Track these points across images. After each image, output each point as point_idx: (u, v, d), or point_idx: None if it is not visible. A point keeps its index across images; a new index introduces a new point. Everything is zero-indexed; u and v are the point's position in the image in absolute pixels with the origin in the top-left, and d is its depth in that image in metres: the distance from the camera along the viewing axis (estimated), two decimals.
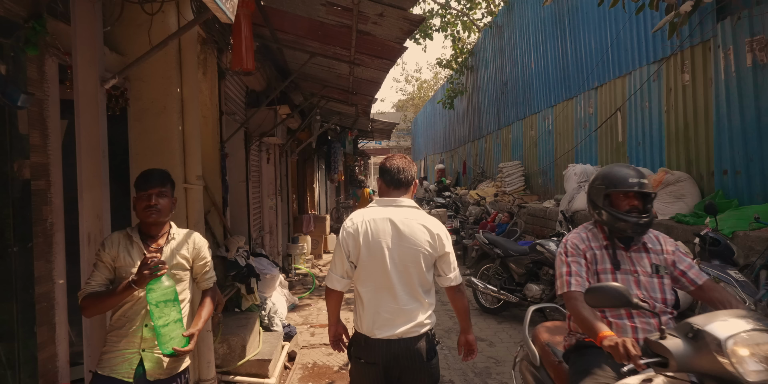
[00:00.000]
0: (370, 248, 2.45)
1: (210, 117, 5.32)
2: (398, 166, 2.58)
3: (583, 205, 8.06)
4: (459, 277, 2.59)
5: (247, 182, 6.82)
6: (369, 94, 7.23)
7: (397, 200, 2.55)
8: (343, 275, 2.53)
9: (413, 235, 2.45)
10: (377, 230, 2.46)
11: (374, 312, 2.44)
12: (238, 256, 5.15)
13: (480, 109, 17.06)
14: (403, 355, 2.40)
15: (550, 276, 5.73)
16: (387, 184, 2.60)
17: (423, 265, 2.45)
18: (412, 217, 2.50)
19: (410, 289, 2.44)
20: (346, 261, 2.50)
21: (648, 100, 7.41)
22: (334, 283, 2.57)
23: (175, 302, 2.20)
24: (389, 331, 2.40)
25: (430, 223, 2.51)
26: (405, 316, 2.42)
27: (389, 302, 2.43)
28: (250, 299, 5.26)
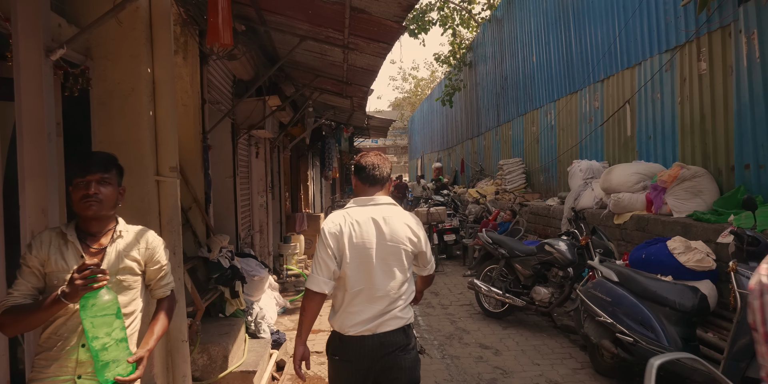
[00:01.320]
0: (354, 249, 2.44)
1: (191, 105, 4.90)
2: (373, 163, 2.58)
3: (590, 202, 7.66)
4: (433, 267, 2.72)
5: (235, 178, 6.39)
6: (364, 85, 6.80)
7: (374, 199, 2.56)
8: (330, 277, 2.45)
9: (396, 233, 2.47)
10: (361, 231, 2.46)
11: (354, 311, 2.44)
12: (221, 256, 4.72)
13: (478, 105, 16.67)
14: (377, 349, 2.40)
15: (560, 278, 5.31)
16: (362, 182, 2.60)
17: (405, 262, 2.49)
18: (393, 214, 2.52)
19: (391, 286, 2.45)
20: (332, 262, 2.43)
21: (660, 91, 7.00)
22: (321, 286, 2.43)
23: (118, 319, 1.77)
24: (364, 328, 2.41)
25: (410, 220, 2.55)
26: (383, 314, 2.43)
27: (370, 302, 2.43)
28: (234, 304, 4.83)
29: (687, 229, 5.35)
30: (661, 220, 5.83)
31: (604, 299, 4.06)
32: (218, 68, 5.59)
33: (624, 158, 7.94)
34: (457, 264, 10.01)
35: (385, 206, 2.54)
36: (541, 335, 5.41)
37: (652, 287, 3.81)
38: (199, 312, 4.12)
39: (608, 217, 6.98)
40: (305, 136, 10.25)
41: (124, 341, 1.80)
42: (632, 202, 6.58)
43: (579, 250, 5.20)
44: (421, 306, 6.84)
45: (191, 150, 4.90)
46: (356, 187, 2.65)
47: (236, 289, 4.77)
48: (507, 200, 11.30)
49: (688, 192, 5.89)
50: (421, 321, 6.09)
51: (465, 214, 11.38)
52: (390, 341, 2.41)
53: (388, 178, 2.62)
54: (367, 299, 2.43)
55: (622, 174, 6.84)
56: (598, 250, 5.09)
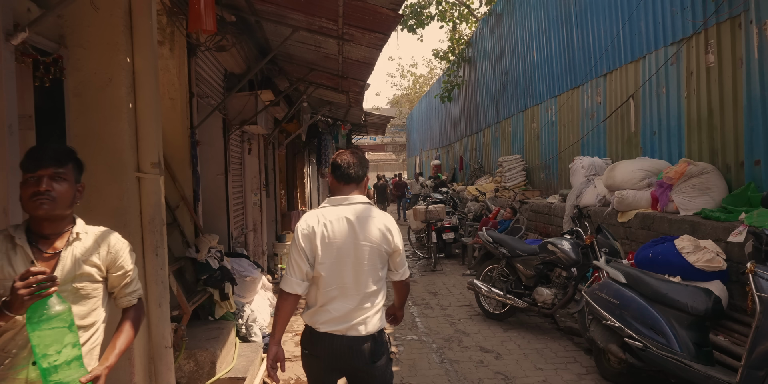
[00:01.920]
0: (327, 249, 2.43)
1: (178, 99, 4.69)
2: (348, 162, 2.56)
3: (593, 199, 7.47)
4: (407, 272, 2.66)
5: (227, 175, 6.18)
6: (360, 79, 6.59)
7: (349, 198, 2.54)
8: (303, 278, 2.44)
9: (370, 232, 2.46)
10: (334, 231, 2.44)
11: (327, 309, 2.43)
12: (210, 257, 4.52)
13: (478, 102, 16.46)
14: (345, 353, 2.40)
15: (563, 279, 5.11)
16: (338, 180, 2.57)
17: (378, 263, 2.48)
18: (368, 214, 2.50)
19: (365, 287, 2.44)
20: (304, 263, 2.43)
21: (665, 85, 6.79)
22: (294, 287, 2.43)
23: (71, 333, 1.56)
24: (335, 326, 2.40)
25: (384, 220, 2.53)
26: (355, 314, 2.42)
27: (343, 301, 2.42)
28: (224, 306, 4.63)
29: (695, 228, 5.16)
30: (667, 218, 5.64)
31: (611, 302, 3.86)
32: (208, 61, 5.37)
33: (627, 154, 7.74)
34: (456, 263, 9.82)
35: (360, 205, 2.51)
36: (543, 338, 5.22)
37: (663, 289, 3.61)
38: (186, 316, 3.91)
39: (612, 215, 6.78)
40: (301, 132, 10.03)
41: (78, 360, 1.58)
42: (637, 199, 6.39)
43: (583, 249, 5.01)
44: (419, 307, 6.64)
45: (179, 146, 4.69)
46: (332, 185, 2.63)
47: (226, 291, 4.57)
48: (507, 198, 11.10)
49: (695, 189, 5.69)
50: (419, 323, 5.90)
51: (464, 212, 11.19)
52: (359, 349, 2.41)
53: (364, 176, 2.60)
54: (340, 298, 2.43)
55: (626, 170, 6.64)
56: (604, 249, 4.89)
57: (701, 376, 3.19)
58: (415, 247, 11.21)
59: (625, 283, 3.87)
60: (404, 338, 5.36)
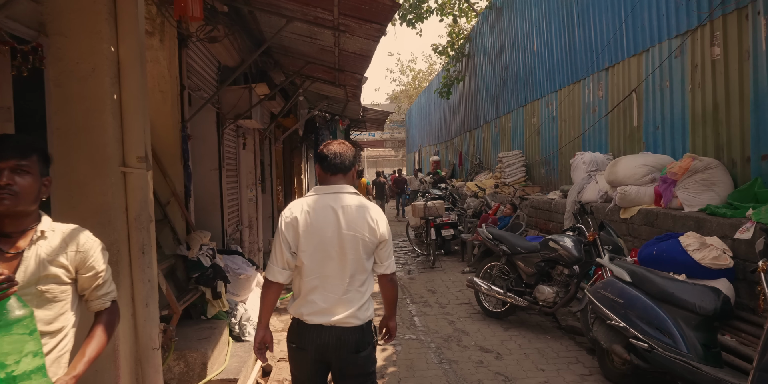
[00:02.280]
0: (310, 238, 2.41)
1: (169, 92, 4.55)
2: (335, 152, 2.55)
3: (595, 196, 7.34)
4: (393, 265, 2.60)
5: (221, 170, 6.04)
6: (358, 72, 6.44)
7: (335, 187, 2.52)
8: (285, 267, 2.46)
9: (354, 222, 2.43)
10: (317, 219, 2.42)
11: (311, 299, 2.42)
12: (201, 254, 4.39)
13: (477, 97, 16.31)
14: (333, 343, 2.39)
15: (565, 277, 4.98)
16: (324, 170, 2.56)
17: (363, 253, 2.44)
18: (353, 203, 2.47)
19: (349, 277, 2.43)
20: (286, 252, 2.44)
21: (669, 79, 6.65)
22: (276, 275, 2.48)
23: (33, 340, 1.43)
24: (323, 318, 2.39)
25: (371, 210, 2.49)
26: (341, 304, 2.41)
27: (327, 290, 2.41)
28: (216, 305, 4.51)
29: (700, 224, 5.03)
30: (671, 214, 5.51)
31: (615, 301, 3.74)
32: (200, 53, 5.23)
33: (630, 150, 7.60)
34: (456, 260, 9.69)
35: (346, 195, 2.49)
36: (544, 337, 5.09)
37: (670, 288, 3.48)
38: (175, 316, 3.78)
39: (614, 211, 6.65)
40: (298, 127, 9.89)
41: (40, 370, 1.45)
42: (640, 195, 6.26)
43: (586, 246, 4.88)
44: (417, 305, 6.52)
45: (169, 140, 4.56)
46: (319, 175, 2.61)
47: (218, 290, 4.44)
48: (507, 194, 10.97)
49: (700, 185, 5.56)
50: (417, 321, 5.77)
51: (463, 208, 11.05)
52: (347, 340, 2.41)
53: (351, 166, 2.58)
54: (322, 287, 2.41)
55: (628, 166, 6.51)
56: (607, 246, 4.76)
57: (710, 379, 3.07)
58: (413, 243, 11.08)
59: (630, 282, 3.74)
60: (402, 337, 5.24)
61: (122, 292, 3.00)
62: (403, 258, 10.14)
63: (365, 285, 2.49)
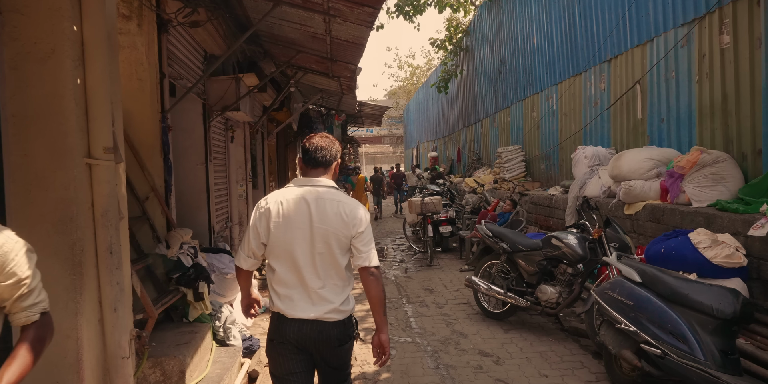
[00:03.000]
0: (281, 229, 2.40)
1: (148, 80, 4.27)
2: (316, 146, 2.54)
3: (597, 191, 7.08)
4: (375, 259, 2.48)
5: (207, 164, 5.77)
6: (351, 62, 6.16)
7: (313, 180, 2.50)
8: (250, 255, 2.51)
9: (327, 215, 2.41)
10: (290, 210, 2.41)
11: (287, 293, 2.41)
12: (181, 253, 4.12)
13: (476, 91, 16.04)
14: (315, 337, 2.39)
15: (569, 276, 4.72)
16: (305, 164, 2.55)
17: (336, 247, 2.42)
18: (328, 197, 2.45)
19: (323, 270, 2.42)
20: (254, 241, 2.46)
21: (675, 69, 6.39)
22: (241, 261, 2.57)
23: None
24: (303, 312, 2.38)
25: (346, 205, 2.46)
26: (319, 298, 2.39)
27: (301, 284, 2.40)
28: (198, 308, 4.24)
29: (710, 220, 4.78)
30: (679, 210, 5.26)
31: (624, 303, 3.48)
32: (182, 39, 4.94)
33: (633, 143, 7.35)
34: (454, 257, 9.43)
35: (322, 188, 2.47)
36: (547, 339, 4.83)
37: (684, 289, 3.22)
38: (151, 320, 3.51)
39: (617, 207, 6.40)
40: (291, 121, 9.61)
41: None
42: (645, 190, 6.01)
43: (590, 244, 4.62)
44: (414, 305, 6.26)
45: (148, 131, 4.28)
46: (301, 168, 2.60)
47: (200, 291, 4.17)
48: (506, 189, 10.72)
49: (709, 179, 5.30)
50: (413, 323, 5.51)
51: (462, 204, 10.79)
52: (329, 334, 2.40)
53: (332, 160, 2.57)
54: (298, 281, 2.40)
55: (633, 160, 6.26)
56: (613, 244, 4.50)
57: None
58: (410, 240, 10.82)
59: (640, 282, 3.49)
60: (397, 340, 4.98)
61: (87, 295, 2.73)
62: (399, 256, 9.88)
63: (342, 279, 2.46)
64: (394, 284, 7.41)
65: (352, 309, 2.50)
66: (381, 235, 12.97)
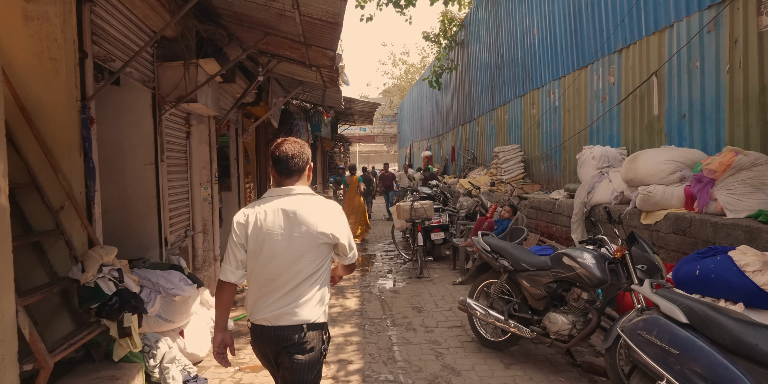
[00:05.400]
0: (258, 239, 2.42)
1: (63, 59, 3.42)
2: (288, 154, 2.50)
3: (608, 196, 6.29)
4: (355, 255, 2.64)
5: (157, 165, 4.92)
6: (329, 47, 5.32)
7: (288, 189, 2.50)
8: (238, 267, 2.46)
9: (305, 224, 2.42)
10: (266, 221, 2.43)
11: (257, 301, 2.45)
12: (100, 278, 3.27)
13: (471, 88, 15.23)
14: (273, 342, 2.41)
15: (584, 302, 3.90)
16: (279, 174, 2.53)
17: (315, 254, 2.44)
18: (305, 205, 2.46)
19: (295, 279, 2.42)
20: (239, 252, 2.45)
21: (699, 58, 5.59)
22: (228, 275, 2.45)
23: None
24: (262, 315, 2.42)
25: (326, 211, 2.48)
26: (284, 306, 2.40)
27: (273, 293, 2.41)
28: (125, 345, 3.39)
29: (753, 235, 3.98)
30: (710, 221, 4.45)
31: (665, 350, 2.66)
32: (118, 13, 4.08)
33: (648, 143, 6.55)
34: (446, 267, 8.60)
35: (300, 197, 2.49)
36: (557, 379, 4.01)
37: (750, 337, 2.41)
38: (43, 373, 2.67)
39: (633, 215, 5.60)
40: (270, 117, 8.75)
41: None
42: (666, 197, 5.21)
43: (611, 265, 3.80)
44: (399, 328, 5.42)
45: (63, 123, 3.43)
46: (274, 177, 2.57)
47: (125, 325, 3.32)
48: (503, 192, 9.91)
49: (746, 185, 4.51)
50: (397, 353, 4.68)
51: (456, 208, 9.97)
52: (285, 336, 2.39)
53: (305, 166, 2.55)
54: (271, 289, 2.42)
55: (651, 162, 5.46)
56: (640, 266, 3.68)
57: None
58: (400, 247, 9.99)
59: (686, 324, 2.67)
60: (376, 378, 4.15)
61: None
62: (387, 265, 9.02)
63: (313, 288, 2.45)
64: (379, 301, 6.57)
65: (317, 319, 2.44)
66: (369, 239, 12.13)
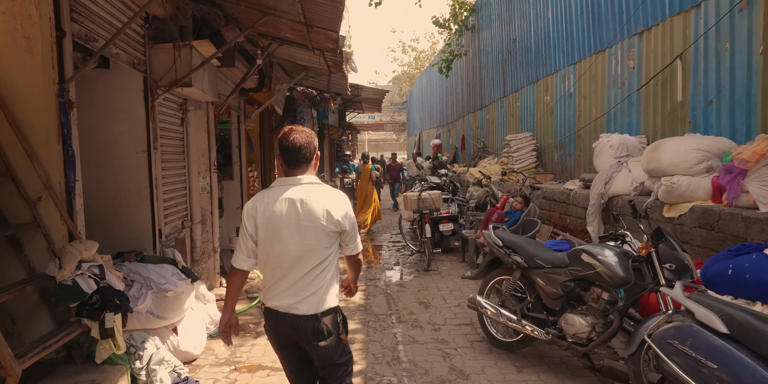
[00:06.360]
0: (267, 228, 2.47)
1: (38, 38, 3.14)
2: (297, 145, 2.51)
3: (626, 187, 5.96)
4: (358, 246, 2.69)
5: (150, 153, 4.66)
6: (331, 28, 5.00)
7: (296, 179, 2.53)
8: (249, 255, 2.54)
9: (312, 213, 2.46)
10: (274, 211, 2.46)
11: (271, 287, 2.51)
12: (79, 275, 3.01)
13: (482, 74, 14.82)
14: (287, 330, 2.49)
15: (604, 303, 3.60)
16: (287, 164, 2.56)
17: (323, 243, 2.48)
18: (312, 194, 2.49)
19: (306, 266, 2.47)
20: (249, 241, 2.51)
21: (729, 39, 5.21)
22: (241, 263, 2.55)
23: None
24: (277, 302, 2.49)
25: (333, 200, 2.51)
26: (296, 293, 2.46)
27: (285, 279, 2.47)
28: (107, 346, 3.14)
29: None
30: (742, 215, 4.13)
31: (701, 363, 2.37)
32: None
33: (670, 131, 6.19)
34: (455, 259, 8.31)
35: (307, 186, 2.52)
36: None
37: None
38: (10, 380, 2.42)
39: (654, 207, 5.28)
40: (273, 103, 8.46)
41: None
42: (692, 188, 4.87)
43: (635, 263, 3.49)
44: (405, 325, 5.16)
45: (39, 108, 3.16)
46: (282, 167, 2.59)
47: (107, 326, 3.07)
48: (515, 182, 9.58)
49: None
50: (402, 353, 4.41)
51: (465, 198, 9.65)
52: (300, 327, 2.45)
53: (313, 156, 2.57)
54: (280, 276, 2.48)
55: (676, 151, 5.12)
56: (668, 265, 3.37)
57: None
58: (407, 237, 9.71)
59: (726, 334, 2.36)
60: (380, 381, 3.89)
61: None
62: (394, 257, 8.75)
63: (324, 275, 2.50)
64: (384, 295, 6.31)
65: (330, 306, 2.50)
66: (376, 230, 11.86)
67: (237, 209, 8.25)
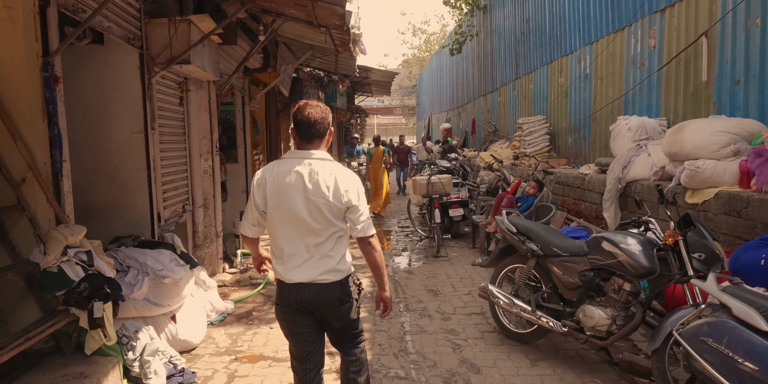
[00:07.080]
0: (276, 199, 2.49)
1: (20, 8, 2.93)
2: (311, 120, 2.52)
3: (646, 171, 5.71)
4: (369, 228, 2.57)
5: (147, 133, 4.45)
6: (336, 3, 4.73)
7: (307, 153, 2.54)
8: (254, 223, 2.62)
9: (320, 187, 2.46)
10: (283, 182, 2.48)
11: (285, 260, 2.52)
12: (65, 262, 2.83)
13: (494, 56, 14.45)
14: (314, 299, 2.51)
15: (626, 294, 3.37)
16: (300, 138, 2.56)
17: (330, 216, 2.48)
18: (321, 169, 2.50)
19: (319, 238, 2.49)
20: (255, 210, 2.56)
21: (760, 14, 4.89)
22: (246, 231, 2.66)
23: None
24: (300, 276, 2.49)
25: (339, 175, 2.51)
26: (315, 263, 2.49)
27: (299, 250, 2.50)
28: (97, 337, 2.97)
29: None
30: None
31: (738, 363, 2.15)
32: None
33: (693, 113, 5.90)
34: (465, 245, 8.10)
35: (316, 161, 2.51)
36: (591, 380, 3.52)
37: None
38: None
39: (676, 193, 5.01)
40: (278, 84, 8.21)
41: None
42: (718, 173, 4.61)
43: (660, 252, 3.26)
44: (413, 314, 4.97)
45: (21, 83, 2.95)
46: (295, 140, 2.59)
47: (96, 316, 2.89)
48: (527, 166, 9.32)
49: None
50: (409, 344, 4.22)
51: (476, 182, 9.41)
52: (327, 295, 2.51)
53: (326, 132, 2.58)
54: (295, 248, 2.50)
55: (700, 133, 4.84)
56: (697, 254, 3.14)
57: None
58: (416, 222, 9.50)
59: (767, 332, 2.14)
60: (386, 373, 3.71)
61: None
62: (402, 242, 8.56)
63: (337, 244, 2.53)
64: (392, 281, 6.12)
65: (349, 269, 2.58)
66: (384, 215, 11.66)
67: (241, 193, 8.07)
